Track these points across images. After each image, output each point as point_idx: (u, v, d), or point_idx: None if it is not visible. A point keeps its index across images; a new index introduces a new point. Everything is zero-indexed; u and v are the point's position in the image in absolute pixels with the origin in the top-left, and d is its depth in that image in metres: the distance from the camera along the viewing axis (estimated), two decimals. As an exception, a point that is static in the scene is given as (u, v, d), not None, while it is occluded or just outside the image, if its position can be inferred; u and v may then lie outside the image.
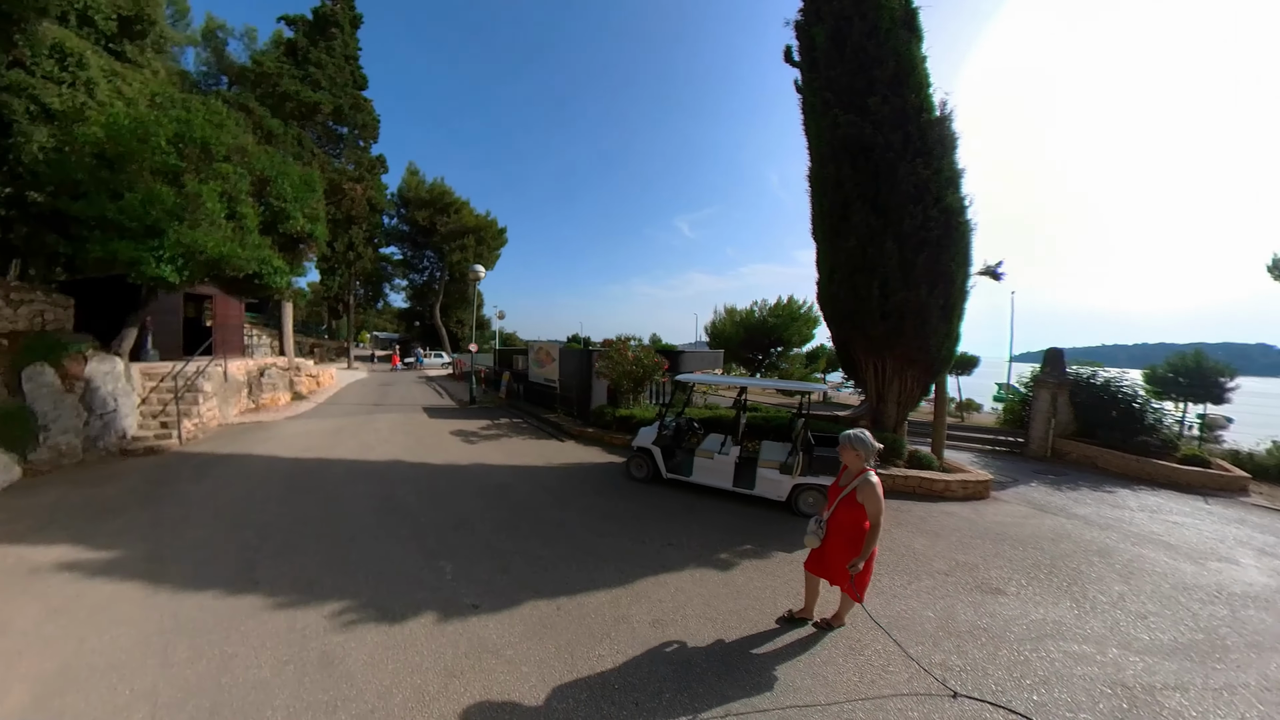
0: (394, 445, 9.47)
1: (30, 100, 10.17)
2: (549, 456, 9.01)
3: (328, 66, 20.44)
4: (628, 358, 10.87)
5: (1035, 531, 6.69)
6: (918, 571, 5.22)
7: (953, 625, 4.13)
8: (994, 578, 5.13)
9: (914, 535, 6.32)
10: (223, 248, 9.87)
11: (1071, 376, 12.22)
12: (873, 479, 3.46)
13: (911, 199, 8.59)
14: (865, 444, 3.53)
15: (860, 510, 3.47)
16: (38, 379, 8.86)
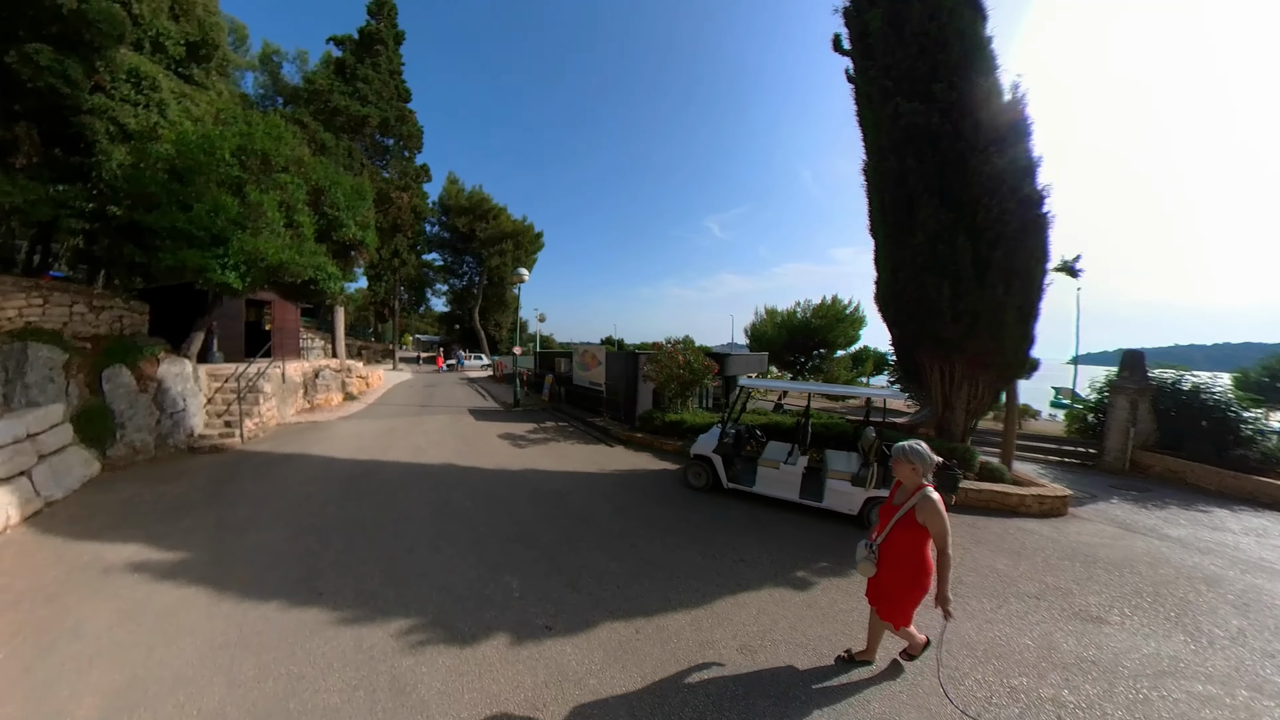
0: (444, 448, 9.34)
1: (110, 121, 10.59)
2: (600, 462, 8.69)
3: (374, 82, 20.92)
4: (678, 361, 10.45)
5: (1128, 554, 5.99)
6: (1004, 594, 4.70)
7: (1056, 656, 3.67)
8: (1092, 604, 4.57)
9: (994, 554, 5.72)
10: (282, 254, 10.04)
11: (1154, 381, 11.11)
12: (932, 495, 2.95)
13: (985, 191, 7.90)
14: (922, 456, 3.02)
15: (919, 533, 2.98)
16: (116, 380, 9.13)
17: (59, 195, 9.91)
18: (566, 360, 16.42)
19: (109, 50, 9.97)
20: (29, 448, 6.89)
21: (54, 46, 9.06)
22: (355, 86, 20.30)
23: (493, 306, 44.66)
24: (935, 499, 2.94)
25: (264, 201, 9.89)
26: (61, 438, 7.86)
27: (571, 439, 10.65)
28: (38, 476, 6.76)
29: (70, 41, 9.22)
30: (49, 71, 9.00)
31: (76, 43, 9.28)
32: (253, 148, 9.87)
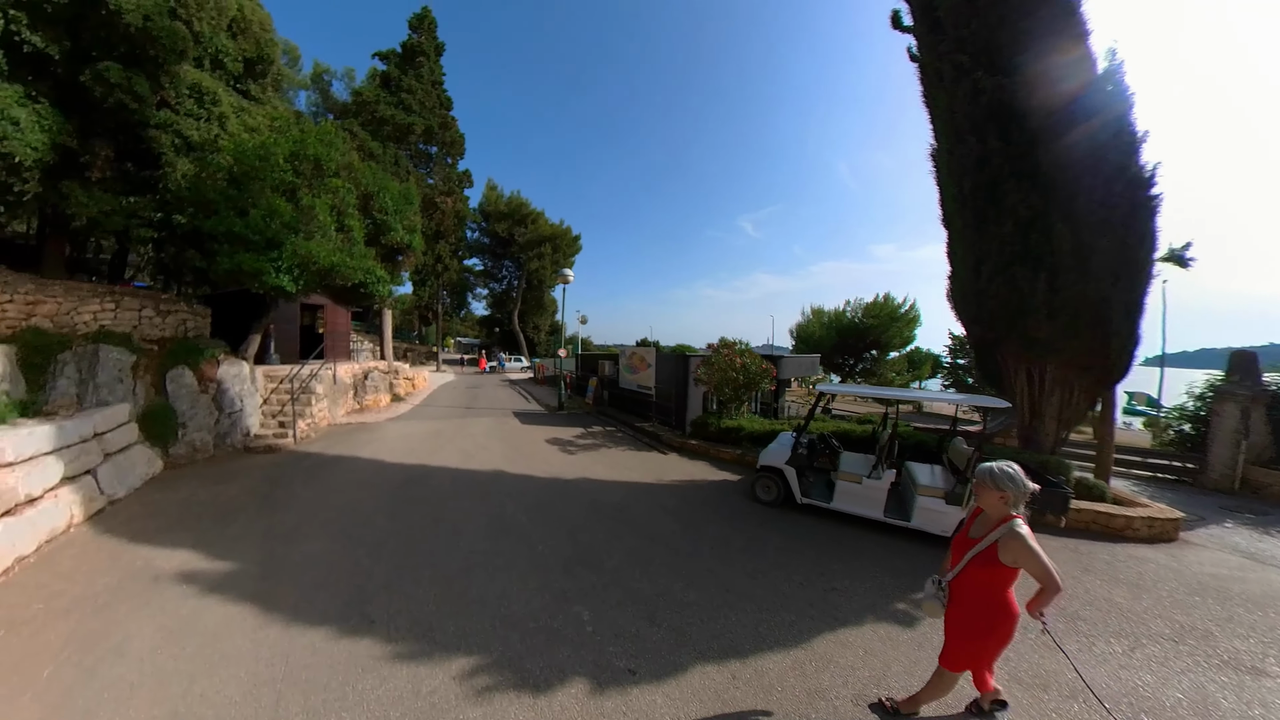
0: (493, 453, 8.96)
1: (175, 134, 10.79)
2: (656, 471, 8.09)
3: (417, 92, 21.17)
4: (735, 364, 9.75)
5: (1267, 590, 5.05)
6: (1135, 635, 3.92)
7: (1215, 714, 3.01)
8: (1242, 651, 3.78)
9: (1109, 585, 4.88)
10: (333, 257, 9.96)
11: (1272, 387, 9.69)
12: (1022, 531, 2.30)
13: (1085, 170, 6.94)
14: (1015, 483, 2.33)
15: (1002, 573, 2.36)
16: (179, 380, 9.18)
17: (130, 206, 10.11)
18: (611, 363, 15.91)
19: (173, 66, 10.12)
20: (95, 447, 6.87)
21: (123, 65, 9.22)
22: (400, 97, 20.56)
23: (531, 309, 44.88)
24: (1025, 534, 2.29)
25: (316, 205, 9.85)
26: (127, 436, 7.89)
27: (622, 445, 10.10)
28: (102, 475, 6.72)
29: (137, 59, 9.37)
30: (119, 88, 9.15)
31: (143, 60, 9.43)
32: (305, 153, 9.84)
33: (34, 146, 8.26)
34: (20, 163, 8.17)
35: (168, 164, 10.65)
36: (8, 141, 7.91)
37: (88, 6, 8.52)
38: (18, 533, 5.15)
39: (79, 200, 9.46)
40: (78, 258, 16.19)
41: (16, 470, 5.52)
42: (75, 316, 9.37)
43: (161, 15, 9.24)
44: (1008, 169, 7.37)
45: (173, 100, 10.93)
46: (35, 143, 8.29)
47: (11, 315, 9.02)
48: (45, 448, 5.95)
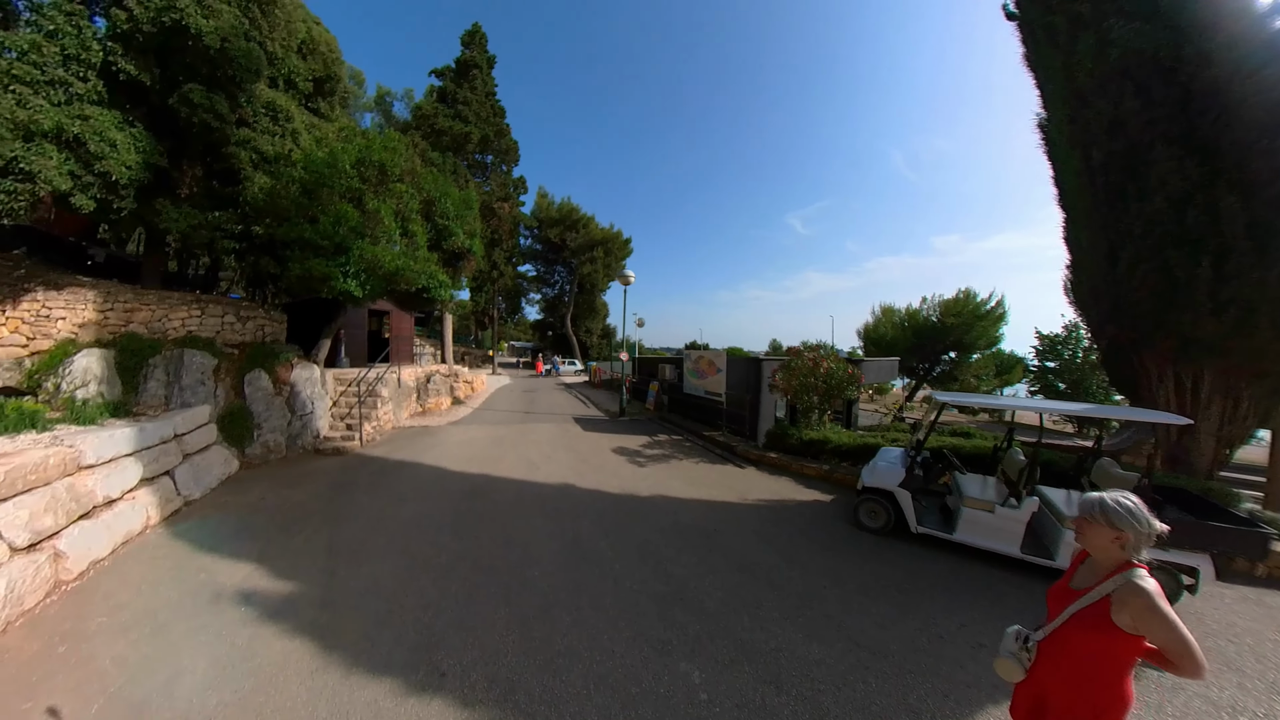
0: (558, 464, 8.37)
1: (252, 151, 11.06)
2: (738, 489, 7.18)
3: (472, 103, 21.41)
4: (818, 370, 8.72)
5: None
6: None
7: None
8: None
9: None
10: (398, 261, 9.79)
11: None
12: (1146, 584, 1.61)
13: (1262, 129, 5.56)
14: (1137, 520, 1.64)
15: (1119, 644, 1.63)
16: (255, 383, 9.24)
17: (215, 220, 10.36)
18: (672, 366, 15.11)
19: (249, 86, 10.33)
20: (174, 448, 6.83)
21: (205, 86, 9.47)
22: (456, 109, 20.83)
23: (583, 313, 44.92)
24: (1151, 589, 1.59)
25: (381, 209, 9.71)
26: (206, 437, 7.92)
27: (693, 456, 9.21)
28: (180, 476, 6.65)
29: (217, 80, 9.60)
30: (201, 108, 9.35)
31: (222, 80, 9.64)
32: (370, 159, 9.73)
33: (128, 165, 8.47)
34: (117, 181, 8.40)
35: (246, 179, 10.94)
36: (105, 161, 8.13)
37: (172, 34, 8.72)
38: (94, 536, 5.01)
39: (170, 216, 9.74)
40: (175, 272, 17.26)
41: (96, 472, 5.44)
42: (166, 323, 9.66)
43: (238, 37, 9.41)
44: (1153, 133, 6.06)
45: (250, 118, 11.25)
46: (130, 162, 8.51)
47: (113, 322, 9.37)
48: (125, 450, 5.88)
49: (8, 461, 4.58)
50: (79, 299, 9.23)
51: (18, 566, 4.26)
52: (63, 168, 7.73)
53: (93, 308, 9.25)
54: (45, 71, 7.78)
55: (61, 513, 4.82)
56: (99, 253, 15.79)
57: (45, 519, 4.65)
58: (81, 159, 8.02)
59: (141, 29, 8.41)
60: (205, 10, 8.90)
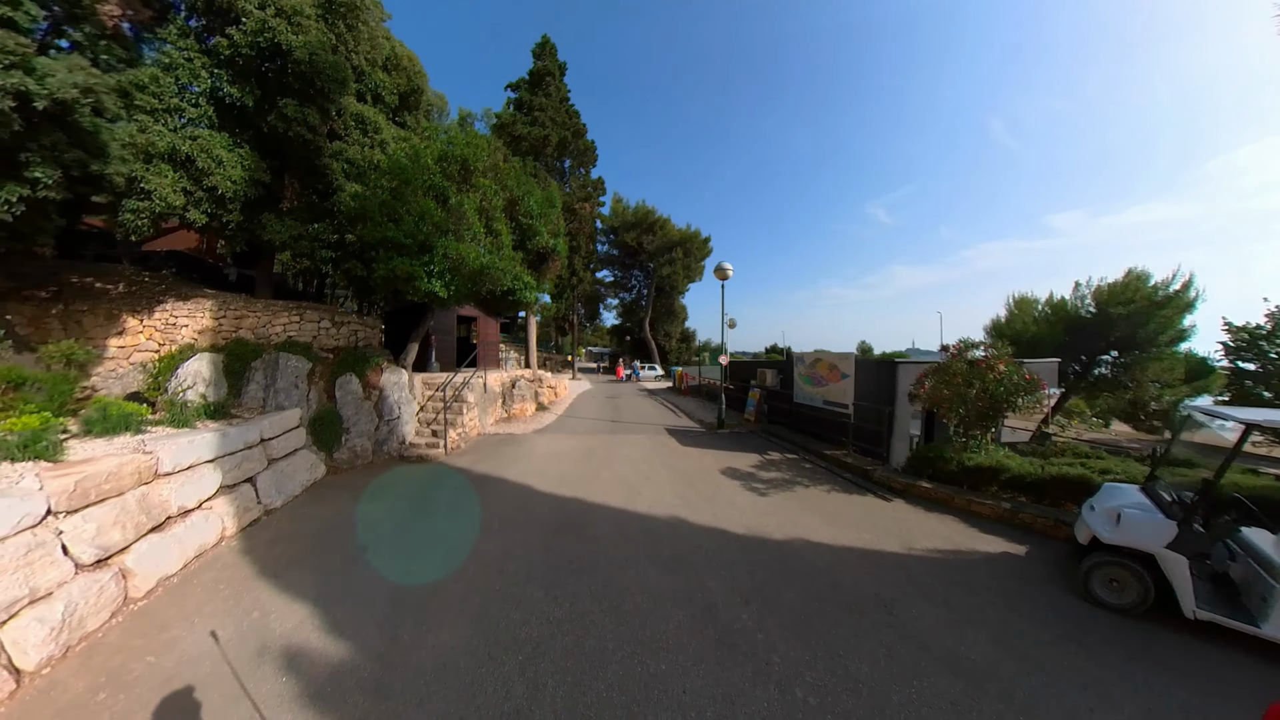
0: (661, 486, 7.15)
1: (345, 162, 11.20)
2: (894, 531, 5.45)
3: (548, 109, 21.42)
4: (987, 376, 6.67)
5: None
6: None
7: None
8: None
9: None
10: (483, 259, 9.19)
11: None
12: None
13: None
14: None
15: None
16: (346, 387, 9.03)
17: (314, 232, 10.51)
18: (775, 371, 13.34)
19: (337, 98, 10.44)
20: (259, 453, 6.51)
21: (297, 101, 9.68)
22: (533, 115, 20.91)
23: (661, 317, 43.98)
24: None
25: (464, 204, 9.18)
26: (295, 441, 7.69)
27: (820, 483, 7.44)
28: (262, 483, 6.29)
29: (308, 95, 9.84)
30: (295, 122, 9.50)
31: (312, 94, 9.87)
32: (453, 154, 9.29)
33: (233, 180, 8.68)
34: (223, 195, 8.61)
35: (339, 188, 11.15)
36: (212, 176, 8.33)
37: (267, 55, 8.95)
38: (164, 551, 4.54)
39: (274, 228, 9.94)
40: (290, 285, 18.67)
41: (172, 481, 5.06)
42: (270, 329, 9.86)
43: (325, 51, 9.56)
44: None
45: (341, 131, 11.49)
46: (235, 177, 8.72)
47: (225, 328, 9.69)
48: (206, 456, 5.52)
49: (78, 471, 4.19)
50: (199, 308, 9.63)
51: (80, 586, 3.79)
52: (176, 185, 7.97)
53: (209, 316, 9.61)
54: (163, 100, 8.13)
55: (131, 526, 4.39)
56: (232, 271, 17.37)
57: (114, 533, 4.22)
58: (192, 176, 8.25)
59: (241, 53, 8.67)
60: (295, 28, 9.07)
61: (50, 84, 5.59)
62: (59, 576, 3.74)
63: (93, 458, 4.59)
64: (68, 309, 9.17)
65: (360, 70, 12.27)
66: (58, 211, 7.02)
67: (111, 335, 9.21)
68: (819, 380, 9.98)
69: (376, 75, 13.01)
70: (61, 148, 6.30)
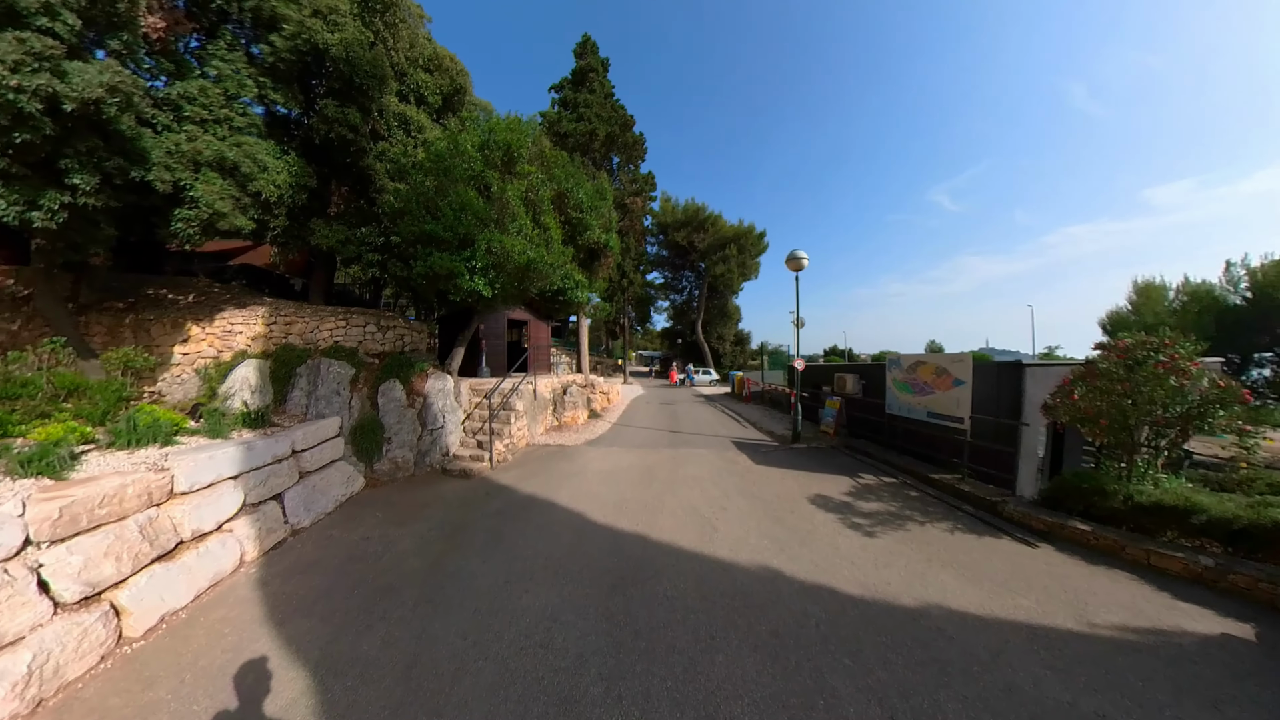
0: (741, 520, 5.78)
1: (389, 163, 10.98)
2: (1056, 594, 4.01)
3: (593, 105, 20.98)
4: (1166, 382, 5.04)
5: None
6: None
7: None
8: None
9: None
10: (529, 252, 8.43)
11: None
12: None
13: None
14: None
15: None
16: (389, 394, 8.55)
17: (361, 236, 10.26)
18: (856, 377, 11.75)
19: (379, 97, 10.15)
20: (289, 467, 5.99)
21: (337, 101, 9.41)
22: (578, 112, 20.41)
23: (714, 319, 42.46)
24: None
25: (507, 192, 8.47)
26: (332, 452, 7.21)
27: (937, 518, 5.89)
28: (290, 500, 5.74)
29: (349, 94, 9.57)
30: (336, 122, 9.27)
31: (354, 93, 9.60)
32: (495, 140, 8.61)
33: (277, 185, 8.49)
34: (268, 200, 8.40)
35: (383, 189, 10.91)
36: (257, 181, 8.14)
37: (307, 58, 8.77)
38: (169, 583, 3.94)
39: (321, 233, 9.74)
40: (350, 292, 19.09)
41: (188, 501, 4.51)
42: (317, 334, 9.64)
43: (362, 48, 9.24)
44: None
45: (384, 132, 11.23)
46: (279, 182, 8.53)
47: (276, 333, 9.56)
48: (228, 473, 4.99)
49: (68, 494, 3.66)
50: (252, 315, 9.56)
51: (57, 630, 3.21)
52: (224, 192, 7.81)
53: (261, 322, 9.51)
54: (211, 111, 8.05)
55: (129, 556, 3.81)
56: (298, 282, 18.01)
57: (105, 566, 3.65)
58: (238, 182, 8.08)
59: (283, 58, 8.53)
60: (330, 26, 8.84)
61: (76, 83, 5.34)
62: (31, 619, 3.17)
63: (94, 476, 4.10)
64: (139, 318, 9.33)
65: (401, 70, 12.07)
66: (109, 221, 6.93)
67: (176, 343, 9.30)
68: (921, 388, 8.40)
69: (418, 75, 12.79)
70: (100, 154, 6.14)
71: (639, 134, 21.66)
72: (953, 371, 7.70)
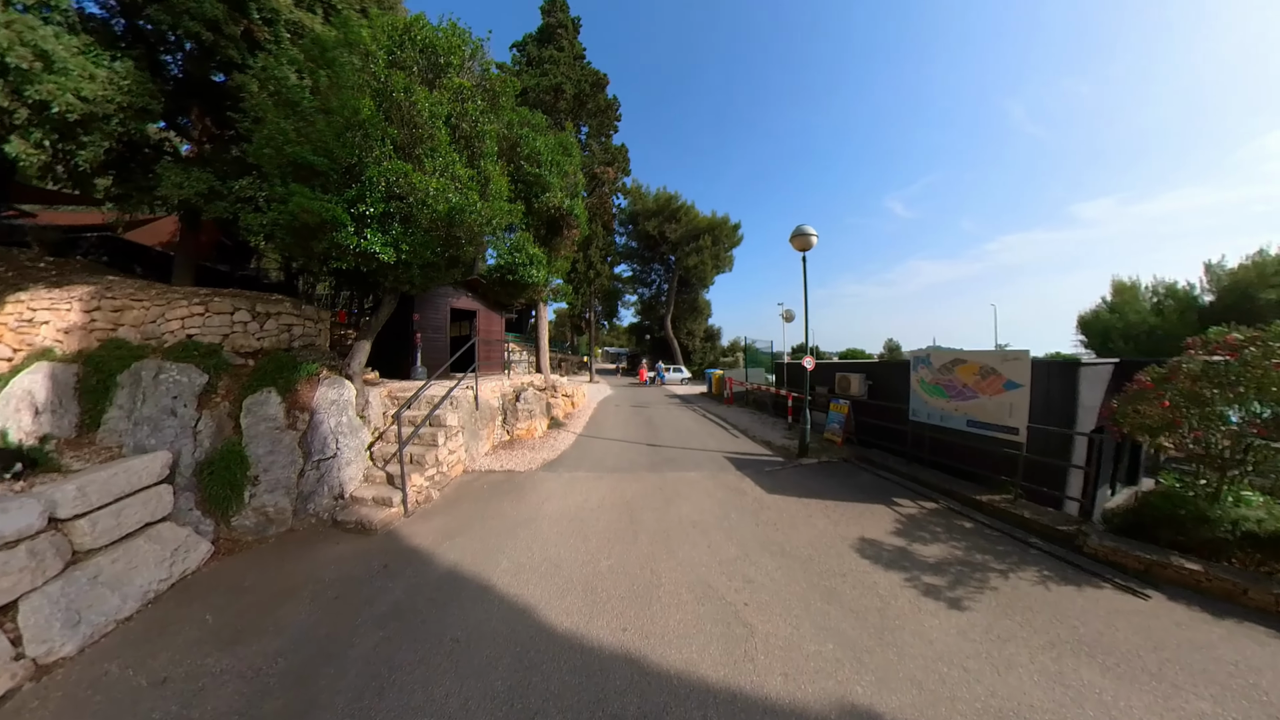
0: (781, 605, 3.77)
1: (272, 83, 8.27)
2: (1234, 684, 2.70)
3: (560, 63, 18.50)
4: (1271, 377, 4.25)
5: None
6: None
7: None
8: None
9: None
10: (451, 196, 6.01)
11: None
12: None
13: None
14: None
15: None
16: (258, 411, 6.04)
17: (237, 190, 7.50)
18: (862, 377, 10.06)
19: None
20: (41, 550, 3.55)
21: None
22: (543, 69, 17.84)
23: (684, 314, 40.70)
24: None
25: (422, 105, 5.95)
26: (146, 510, 4.69)
27: (1010, 560, 4.43)
28: (38, 610, 3.31)
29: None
30: (187, 15, 6.48)
31: None
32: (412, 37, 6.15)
33: (83, 96, 5.70)
34: (66, 117, 5.68)
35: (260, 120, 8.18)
36: (39, 84, 5.39)
37: None
38: None
39: (171, 181, 7.04)
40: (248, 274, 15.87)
41: None
42: (163, 325, 6.91)
43: None
44: None
45: (263, 38, 8.29)
46: (89, 92, 5.75)
47: (101, 325, 6.76)
48: None
49: None
50: (66, 298, 6.73)
51: None
52: None
53: (79, 308, 6.71)
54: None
55: None
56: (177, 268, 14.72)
57: None
58: (11, 85, 5.36)
59: None
60: None
61: None
62: None
63: None
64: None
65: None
66: None
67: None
68: (959, 391, 6.87)
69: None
70: None
71: (612, 97, 19.27)
72: (1004, 372, 6.36)
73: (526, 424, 10.33)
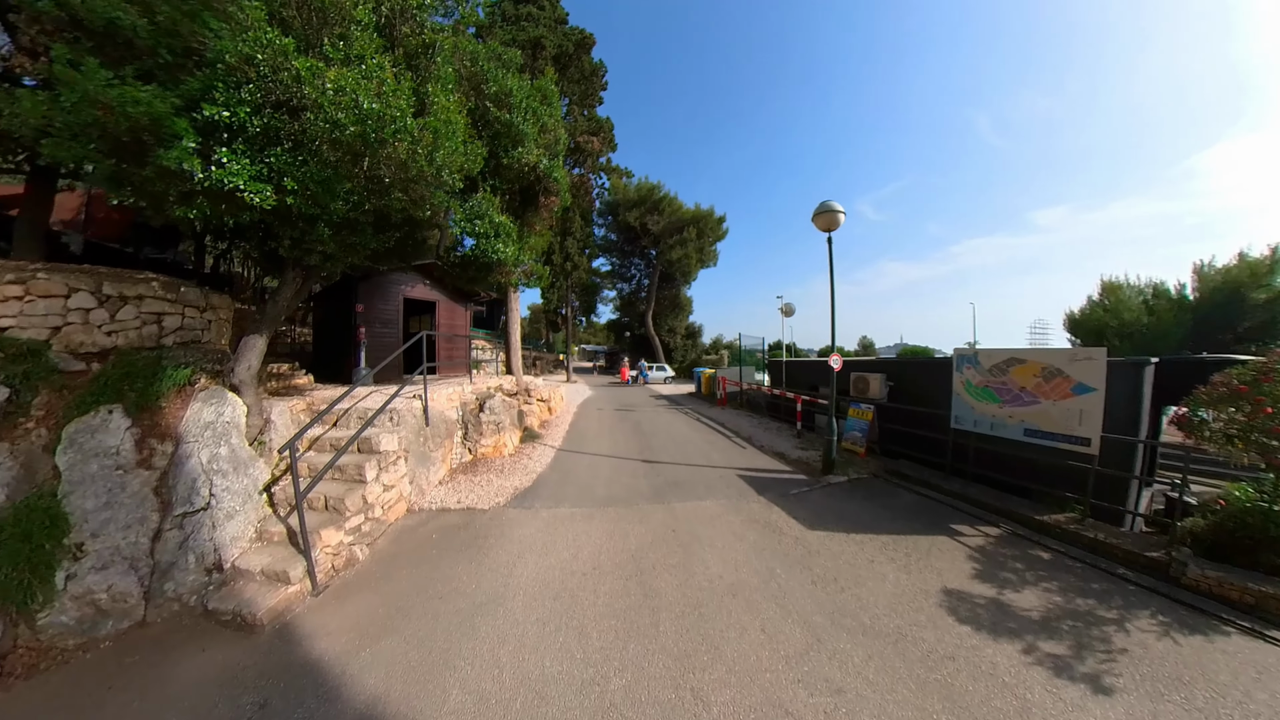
0: None
1: None
2: None
3: (540, 20, 16.41)
4: None
5: None
6: None
7: None
8: None
9: None
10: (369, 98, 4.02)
11: None
12: None
13: None
14: None
15: None
16: (87, 442, 4.07)
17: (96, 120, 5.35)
18: (883, 378, 8.70)
19: None
20: None
21: None
22: (520, 25, 15.86)
23: (665, 310, 39.16)
24: None
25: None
26: None
27: (1114, 602, 3.54)
28: None
29: None
30: None
31: None
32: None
33: None
34: None
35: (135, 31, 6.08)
36: None
37: None
38: None
39: None
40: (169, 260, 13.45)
41: None
42: (-38, 313, 4.91)
43: None
44: None
45: None
46: None
47: None
48: None
49: None
50: None
51: None
52: None
53: None
54: None
55: None
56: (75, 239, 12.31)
57: None
58: None
59: None
60: None
61: None
62: None
63: None
64: None
65: None
66: None
67: None
68: (1016, 396, 5.89)
69: None
70: None
71: (598, 61, 17.27)
72: (1073, 374, 5.40)
73: (493, 439, 8.49)
